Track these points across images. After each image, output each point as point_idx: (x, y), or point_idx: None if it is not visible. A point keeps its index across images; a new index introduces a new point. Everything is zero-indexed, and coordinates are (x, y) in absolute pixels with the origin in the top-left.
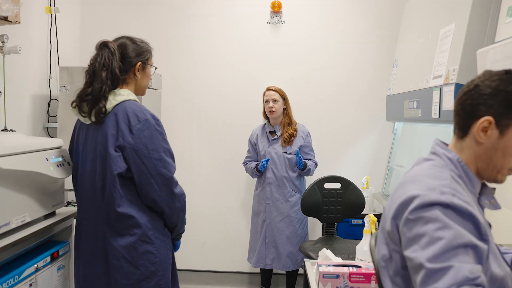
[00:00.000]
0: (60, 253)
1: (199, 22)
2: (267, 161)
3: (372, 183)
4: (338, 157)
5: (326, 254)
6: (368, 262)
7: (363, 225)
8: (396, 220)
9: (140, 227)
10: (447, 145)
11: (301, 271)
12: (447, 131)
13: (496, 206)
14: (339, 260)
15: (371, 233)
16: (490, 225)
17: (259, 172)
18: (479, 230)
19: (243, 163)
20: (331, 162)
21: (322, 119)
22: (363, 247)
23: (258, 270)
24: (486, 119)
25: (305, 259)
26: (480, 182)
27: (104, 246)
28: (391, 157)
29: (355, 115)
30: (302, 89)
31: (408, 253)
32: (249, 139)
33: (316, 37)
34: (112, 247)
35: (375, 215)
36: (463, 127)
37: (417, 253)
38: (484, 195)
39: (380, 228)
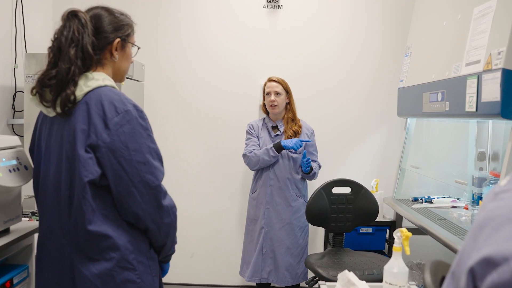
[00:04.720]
0: (15, 281)
1: (188, 5)
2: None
3: (381, 186)
4: (342, 158)
5: (348, 277)
6: (400, 287)
7: (373, 233)
8: (474, 275)
9: (118, 249)
10: None
11: (303, 284)
12: (465, 127)
13: None
14: (363, 285)
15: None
16: None
17: (276, 152)
18: None
19: (249, 152)
20: (334, 163)
21: (324, 114)
22: (392, 268)
23: (252, 284)
24: None
25: (320, 282)
26: None
27: (71, 274)
28: (403, 157)
29: (361, 110)
30: (301, 81)
31: None
32: (248, 131)
33: (317, 23)
34: (81, 276)
35: (385, 222)
36: None
37: None
38: None
39: (450, 273)
